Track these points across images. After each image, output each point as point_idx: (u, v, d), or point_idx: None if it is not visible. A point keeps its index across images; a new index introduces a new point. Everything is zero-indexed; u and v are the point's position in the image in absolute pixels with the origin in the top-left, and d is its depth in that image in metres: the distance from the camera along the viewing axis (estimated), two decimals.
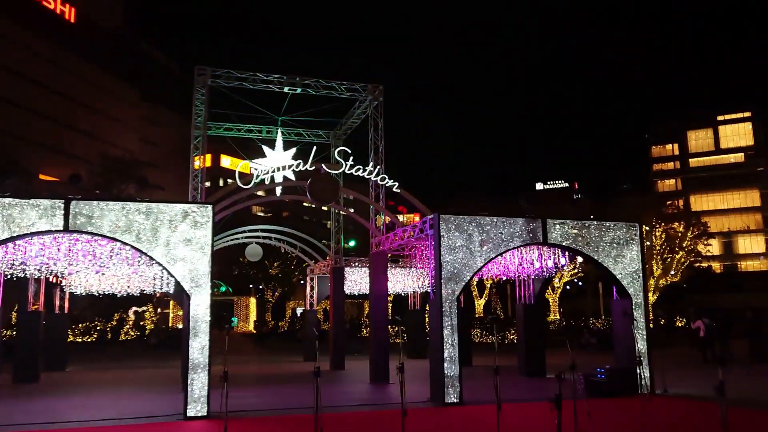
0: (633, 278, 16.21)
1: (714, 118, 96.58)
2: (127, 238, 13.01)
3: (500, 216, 15.47)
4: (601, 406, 13.22)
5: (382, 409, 14.14)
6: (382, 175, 18.04)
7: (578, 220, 16.27)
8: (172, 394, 16.29)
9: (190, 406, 12.77)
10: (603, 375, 15.46)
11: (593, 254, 16.02)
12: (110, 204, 13.12)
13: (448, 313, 14.48)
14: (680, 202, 76.93)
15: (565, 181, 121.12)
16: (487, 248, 15.02)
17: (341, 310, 25.17)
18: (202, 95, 20.29)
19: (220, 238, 25.70)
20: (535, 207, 47.67)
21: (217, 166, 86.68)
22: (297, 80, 20.47)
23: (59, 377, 21.89)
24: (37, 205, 12.59)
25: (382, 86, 21.14)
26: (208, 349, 13.04)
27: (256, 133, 24.97)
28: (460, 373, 14.40)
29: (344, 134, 25.18)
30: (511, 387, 16.43)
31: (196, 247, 13.32)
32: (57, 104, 69.99)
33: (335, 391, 16.99)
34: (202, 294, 13.21)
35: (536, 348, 20.54)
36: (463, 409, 13.76)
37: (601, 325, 41.99)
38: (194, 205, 13.75)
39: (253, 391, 17.69)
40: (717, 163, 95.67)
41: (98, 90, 76.64)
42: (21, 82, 65.64)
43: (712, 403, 11.66)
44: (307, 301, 30.10)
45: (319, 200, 17.73)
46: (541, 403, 9.86)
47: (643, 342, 15.83)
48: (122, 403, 15.27)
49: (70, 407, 14.61)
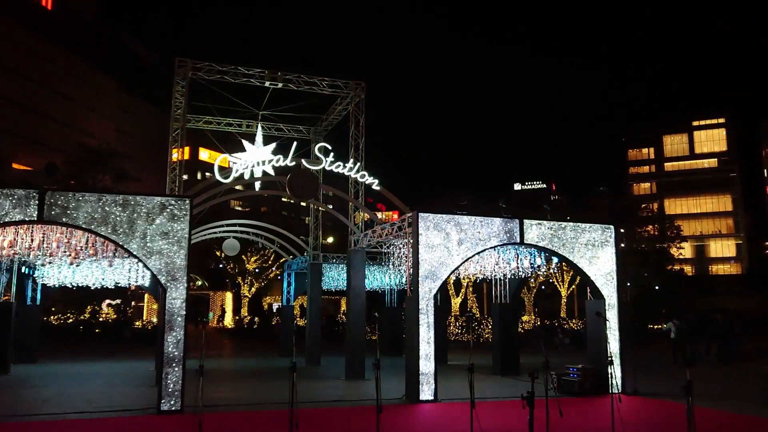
0: (607, 279, 16.45)
1: (689, 124, 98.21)
2: (103, 230, 12.88)
3: (478, 215, 15.61)
4: (572, 405, 13.42)
5: (357, 405, 14.19)
6: (362, 172, 18.05)
7: (554, 221, 16.47)
8: (145, 388, 16.17)
9: (164, 400, 12.70)
10: (575, 374, 15.69)
11: (569, 255, 16.23)
12: (86, 195, 12.97)
13: (424, 310, 14.58)
14: (655, 206, 78.10)
15: (543, 182, 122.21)
16: (464, 247, 15.14)
17: (318, 305, 25.16)
18: (182, 87, 20.11)
19: (198, 231, 25.49)
20: (515, 208, 48.06)
21: (195, 159, 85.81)
22: (279, 75, 20.38)
23: (30, 370, 21.56)
24: (11, 195, 12.40)
25: (364, 83, 21.15)
26: (183, 344, 12.97)
27: (236, 126, 24.81)
28: (436, 370, 14.51)
29: (325, 130, 25.14)
30: (486, 385, 16.59)
31: (173, 241, 13.24)
32: (31, 92, 68.67)
33: (311, 386, 17.00)
34: (179, 288, 13.13)
35: (511, 347, 20.76)
36: (437, 406, 13.87)
37: (575, 326, 42.52)
38: (172, 198, 13.66)
39: (228, 385, 17.63)
40: (691, 167, 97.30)
41: (74, 79, 75.39)
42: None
43: (680, 404, 11.93)
44: (284, 296, 30.02)
45: (298, 196, 17.70)
46: (515, 401, 9.98)
47: (616, 342, 16.09)
48: (95, 396, 15.11)
49: (42, 400, 14.42)
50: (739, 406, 14.12)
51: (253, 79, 20.32)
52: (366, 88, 21.18)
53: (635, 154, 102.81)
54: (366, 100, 21.24)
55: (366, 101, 21.23)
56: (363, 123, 21.05)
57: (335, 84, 21.07)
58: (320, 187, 19.44)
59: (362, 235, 19.75)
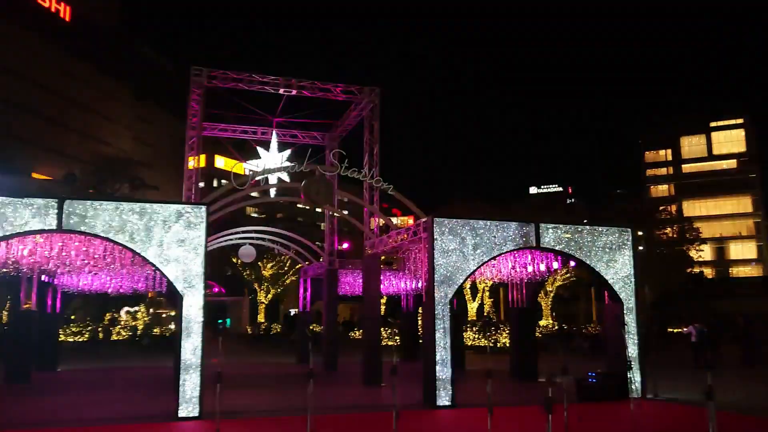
0: (624, 283, 16.29)
1: (707, 125, 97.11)
2: (121, 238, 12.99)
3: (493, 220, 15.54)
4: (592, 411, 13.29)
5: (374, 411, 14.16)
6: (377, 177, 18.08)
7: (571, 225, 16.34)
8: (164, 395, 16.27)
9: (182, 406, 12.75)
10: (594, 379, 15.53)
11: (586, 259, 16.10)
12: (104, 204, 13.10)
13: (440, 315, 14.52)
14: (673, 208, 77.29)
15: (559, 186, 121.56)
16: (480, 252, 15.08)
17: (334, 311, 25.17)
18: (198, 96, 20.28)
19: (214, 238, 25.65)
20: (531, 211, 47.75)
21: (211, 167, 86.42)
22: (293, 82, 20.49)
23: (51, 377, 21.79)
24: (30, 204, 12.56)
25: (378, 89, 21.18)
26: (200, 350, 13.03)
27: (252, 134, 24.96)
28: (453, 375, 14.44)
29: (339, 136, 25.21)
30: (503, 390, 16.49)
31: (190, 248, 13.32)
32: (51, 103, 69.65)
33: (328, 392, 17.00)
34: (195, 295, 13.21)
35: (528, 352, 20.60)
36: (455, 412, 13.80)
37: (593, 330, 42.13)
38: (188, 205, 13.75)
39: (246, 392, 17.67)
40: (710, 169, 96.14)
41: (92, 89, 76.34)
42: (15, 81, 65.31)
43: (702, 408, 11.76)
44: (300, 302, 30.08)
45: (314, 202, 17.76)
46: (533, 406, 9.91)
47: (635, 346, 15.91)
48: (114, 403, 15.24)
49: (62, 408, 14.57)
50: (762, 410, 13.89)
51: (267, 86, 20.44)
52: (380, 93, 21.21)
53: (652, 156, 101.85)
54: (380, 104, 21.27)
55: (380, 106, 21.26)
56: (377, 128, 21.07)
57: (349, 90, 21.13)
58: (335, 192, 19.48)
59: (378, 241, 19.74)
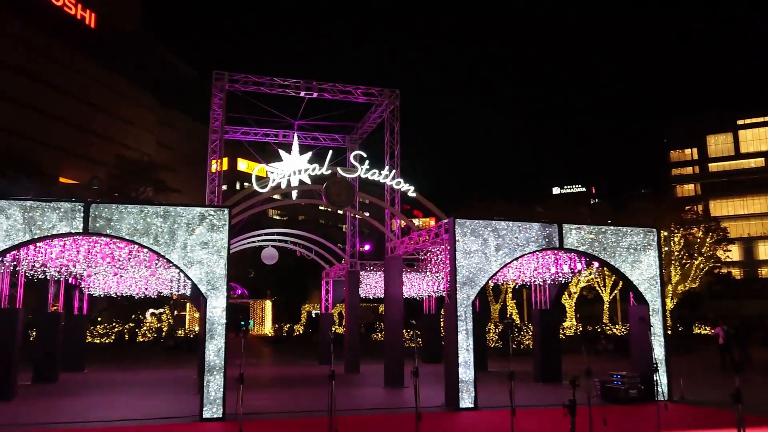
0: (650, 284, 16.07)
1: (734, 122, 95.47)
2: (145, 241, 13.16)
3: (516, 221, 15.44)
4: (616, 413, 13.12)
5: (396, 413, 14.14)
6: (398, 179, 18.06)
7: (595, 225, 16.17)
8: (188, 396, 16.43)
9: (206, 407, 12.87)
10: (619, 381, 15.35)
11: (610, 259, 15.92)
12: (129, 207, 13.29)
13: (463, 317, 14.46)
14: (699, 208, 76.11)
15: (582, 186, 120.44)
16: (502, 253, 14.99)
17: (356, 313, 25.21)
18: (220, 99, 20.47)
19: (237, 241, 25.87)
20: (554, 212, 47.37)
21: (233, 170, 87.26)
22: (314, 85, 20.58)
23: (77, 378, 22.14)
24: (57, 208, 12.79)
25: (399, 90, 21.19)
26: (224, 352, 13.14)
27: (273, 136, 25.12)
28: (475, 377, 14.37)
29: (360, 138, 25.26)
30: (526, 392, 16.35)
31: (213, 250, 13.44)
32: (77, 109, 71.00)
33: (350, 394, 17.02)
34: (219, 297, 13.32)
35: (552, 353, 20.43)
36: (477, 414, 13.72)
37: (618, 331, 41.64)
38: (211, 208, 13.88)
39: (269, 393, 17.77)
40: (737, 167, 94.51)
41: (116, 94, 77.63)
42: (42, 88, 66.70)
43: (729, 411, 11.54)
44: (322, 304, 30.18)
45: (335, 204, 17.80)
46: (556, 409, 9.82)
47: (660, 348, 15.68)
48: (139, 404, 15.43)
49: (88, 408, 14.78)
50: None
51: (288, 89, 20.55)
52: (400, 95, 21.21)
53: (677, 155, 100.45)
54: (401, 106, 21.27)
55: (401, 107, 21.26)
56: (398, 130, 21.07)
57: (369, 92, 21.15)
58: (356, 194, 19.51)
59: (399, 242, 19.73)
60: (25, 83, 64.52)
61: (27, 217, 12.58)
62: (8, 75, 62.72)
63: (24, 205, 12.66)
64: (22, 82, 64.26)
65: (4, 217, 12.49)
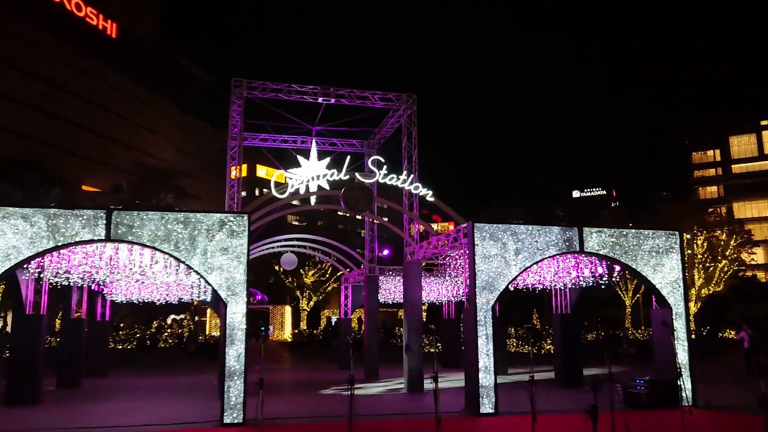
0: (673, 287, 15.85)
1: (758, 123, 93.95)
2: (166, 247, 13.29)
3: (535, 224, 15.34)
4: (639, 419, 12.95)
5: (416, 418, 14.09)
6: (416, 184, 18.04)
7: (616, 228, 16.01)
8: (209, 401, 16.52)
9: (227, 413, 12.93)
10: (642, 386, 15.14)
11: (631, 263, 15.74)
12: (150, 214, 13.43)
13: (482, 322, 14.39)
14: (723, 210, 75.03)
15: (603, 189, 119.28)
16: (522, 257, 14.89)
17: (375, 318, 25.20)
18: (239, 106, 20.65)
19: (256, 246, 26.02)
20: (574, 216, 47.01)
21: (252, 176, 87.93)
22: (331, 91, 20.69)
23: (100, 383, 22.39)
24: (80, 216, 12.98)
25: (416, 95, 21.20)
26: (244, 357, 13.20)
27: (291, 143, 25.28)
28: (496, 383, 14.28)
29: (378, 143, 25.31)
30: (548, 398, 16.20)
31: (233, 256, 13.53)
32: (98, 117, 72.12)
33: (369, 399, 17.00)
34: (239, 302, 13.40)
35: (573, 358, 20.23)
36: (498, 420, 13.62)
37: (641, 336, 41.12)
38: (231, 214, 13.98)
39: (289, 398, 17.81)
40: (761, 169, 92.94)
41: (137, 102, 78.76)
42: (65, 97, 67.89)
43: (756, 416, 11.34)
44: (341, 309, 30.22)
45: (353, 209, 17.83)
46: (578, 414, 9.71)
47: (684, 353, 15.45)
48: (160, 409, 15.55)
49: (111, 412, 14.94)
50: None
51: (306, 95, 20.68)
52: (417, 100, 21.23)
53: (700, 157, 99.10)
54: (418, 110, 21.29)
55: (418, 112, 21.29)
56: (415, 134, 21.08)
57: (387, 97, 21.20)
58: (374, 199, 19.54)
59: (418, 247, 19.69)
60: (49, 92, 65.73)
61: (51, 224, 12.79)
62: (32, 83, 63.89)
63: (48, 213, 12.87)
64: (46, 91, 65.46)
65: (29, 224, 12.70)
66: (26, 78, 63.48)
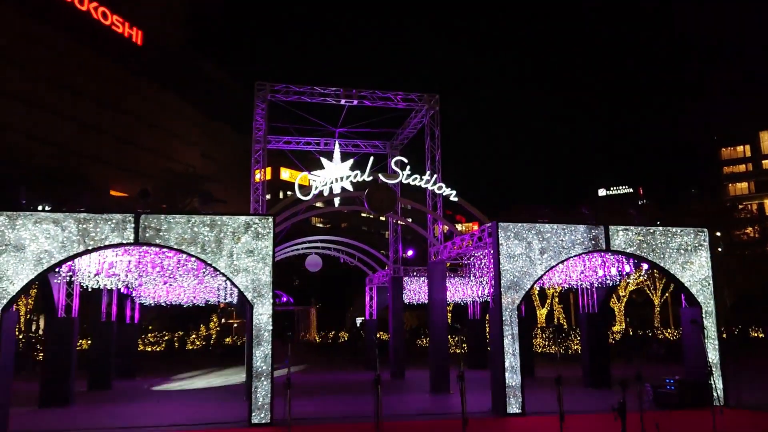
0: (702, 285, 15.60)
1: None
2: (193, 250, 13.46)
3: (560, 223, 15.22)
4: (670, 419, 12.77)
5: (442, 419, 14.06)
6: (439, 184, 18.02)
7: (643, 227, 15.81)
8: (237, 402, 16.69)
9: (255, 413, 13.06)
10: (672, 386, 14.92)
11: (659, 261, 15.53)
12: (177, 217, 13.62)
13: (508, 322, 14.31)
14: (754, 206, 73.51)
15: (630, 187, 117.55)
16: (547, 256, 14.78)
17: (401, 319, 25.19)
18: (262, 110, 20.83)
19: (281, 249, 26.20)
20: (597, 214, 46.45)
21: (277, 179, 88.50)
22: (354, 92, 20.75)
23: (130, 385, 22.75)
24: (109, 220, 13.22)
25: (438, 95, 21.17)
26: (270, 358, 13.31)
27: (315, 145, 25.41)
28: (522, 383, 14.19)
29: (401, 144, 25.31)
30: (575, 398, 16.04)
31: (258, 258, 13.66)
32: (124, 123, 73.37)
33: (395, 400, 17.01)
34: (265, 304, 13.52)
35: (600, 358, 20.00)
36: (525, 420, 13.54)
37: (670, 335, 40.49)
38: (256, 216, 14.11)
39: (316, 399, 17.90)
40: None
41: (162, 108, 79.90)
42: (93, 104, 69.19)
43: None
44: (366, 311, 30.27)
45: (377, 210, 17.86)
46: (606, 414, 9.60)
47: (715, 351, 15.19)
48: (190, 409, 15.76)
49: (141, 413, 15.18)
50: None
51: (328, 97, 20.78)
52: (440, 100, 21.19)
53: (729, 153, 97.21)
54: (441, 110, 21.25)
55: (441, 112, 21.24)
56: (438, 135, 21.05)
57: (409, 98, 21.21)
58: (398, 200, 19.55)
59: (442, 247, 19.66)
60: (77, 100, 67.02)
61: (81, 228, 13.04)
62: (59, 91, 65.20)
63: (78, 217, 13.13)
64: (75, 100, 66.78)
65: (60, 228, 12.97)
66: (57, 88, 64.80)
